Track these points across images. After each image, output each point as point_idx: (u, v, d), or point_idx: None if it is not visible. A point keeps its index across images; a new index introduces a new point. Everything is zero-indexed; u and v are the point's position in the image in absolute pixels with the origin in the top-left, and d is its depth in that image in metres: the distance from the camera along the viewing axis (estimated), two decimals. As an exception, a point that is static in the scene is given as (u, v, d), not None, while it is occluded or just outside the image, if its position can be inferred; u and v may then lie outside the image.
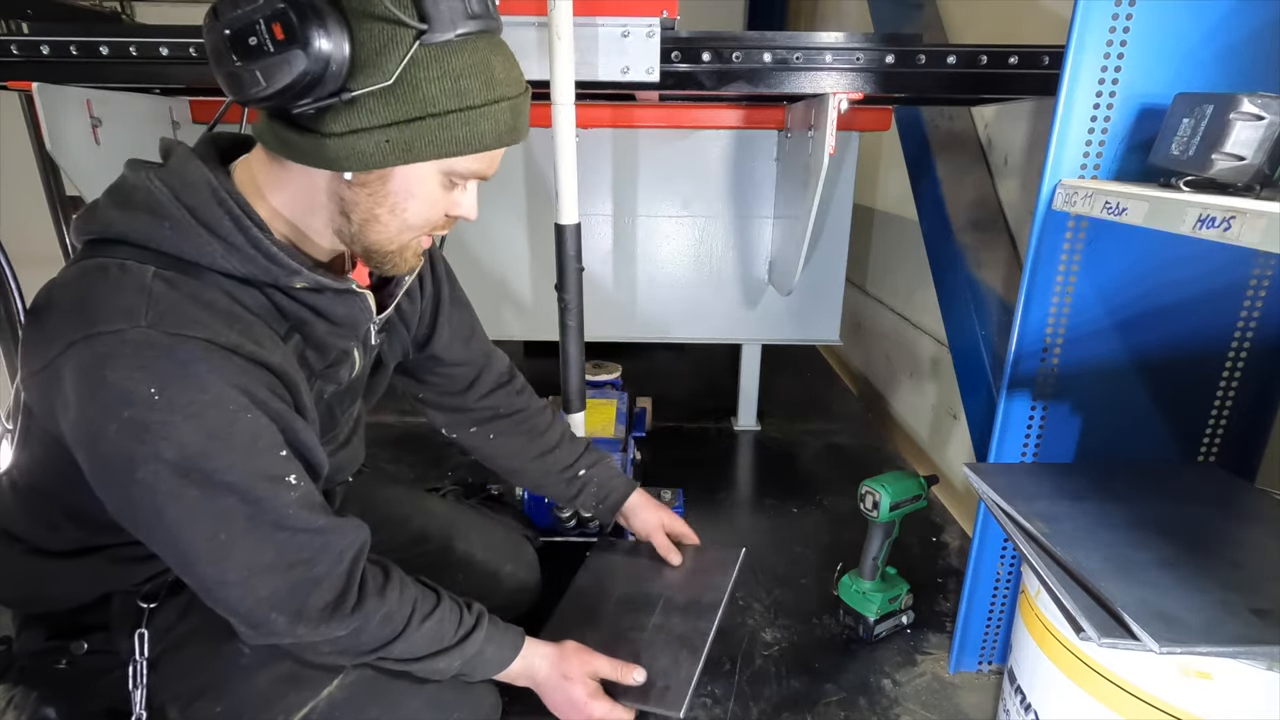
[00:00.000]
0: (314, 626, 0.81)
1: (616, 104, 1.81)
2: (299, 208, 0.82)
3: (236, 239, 0.77)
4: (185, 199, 0.76)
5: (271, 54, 0.68)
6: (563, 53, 1.12)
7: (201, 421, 0.72)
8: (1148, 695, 0.78)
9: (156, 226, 0.75)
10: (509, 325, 2.14)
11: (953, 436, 2.06)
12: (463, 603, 0.97)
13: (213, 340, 0.73)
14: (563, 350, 1.35)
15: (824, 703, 1.22)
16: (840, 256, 2.07)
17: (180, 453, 0.72)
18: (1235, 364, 1.07)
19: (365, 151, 0.75)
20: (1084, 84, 0.94)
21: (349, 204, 0.80)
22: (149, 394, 0.70)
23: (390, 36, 0.71)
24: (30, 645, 0.93)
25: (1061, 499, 0.94)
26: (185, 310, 0.73)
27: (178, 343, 0.71)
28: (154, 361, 0.71)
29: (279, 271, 0.79)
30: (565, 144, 1.18)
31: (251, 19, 0.67)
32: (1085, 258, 1.02)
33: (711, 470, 2.04)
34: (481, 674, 0.99)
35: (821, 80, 1.31)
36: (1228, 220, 0.65)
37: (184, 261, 0.76)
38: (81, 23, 2.11)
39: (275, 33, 0.67)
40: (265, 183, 0.82)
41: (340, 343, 0.91)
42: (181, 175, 0.77)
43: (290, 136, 0.76)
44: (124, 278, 0.73)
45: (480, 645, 0.96)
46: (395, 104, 0.73)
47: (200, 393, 0.72)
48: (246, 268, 0.78)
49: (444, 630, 0.92)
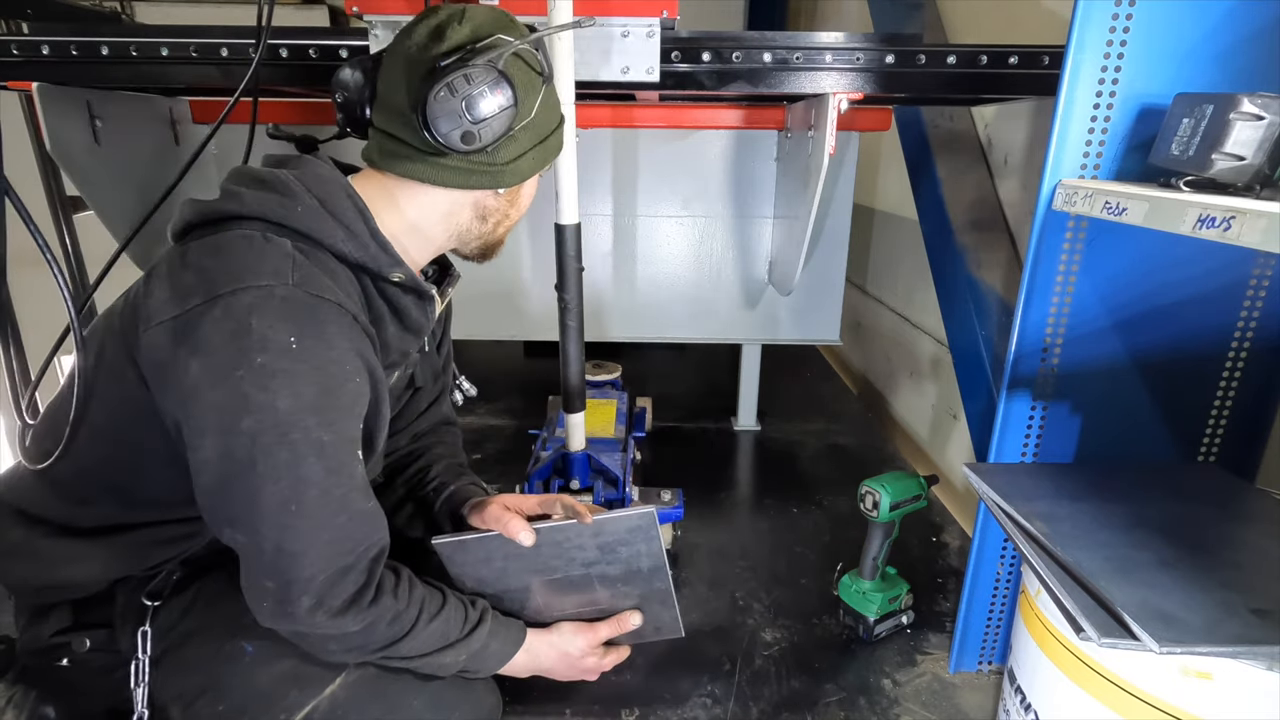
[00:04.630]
0: (331, 617, 0.83)
1: (616, 104, 1.81)
2: (422, 222, 0.96)
3: (358, 226, 0.88)
4: (316, 190, 0.88)
5: (499, 114, 0.86)
6: (563, 53, 1.12)
7: (323, 375, 0.80)
8: (1148, 695, 0.78)
9: (289, 208, 0.86)
10: (509, 325, 2.14)
11: (953, 436, 2.06)
12: (467, 600, 1.00)
13: (342, 305, 0.84)
14: (563, 350, 1.34)
15: (824, 703, 1.22)
16: (840, 256, 2.07)
17: (295, 403, 0.78)
18: (1235, 364, 1.07)
19: (523, 170, 0.96)
20: (1084, 84, 0.94)
21: (490, 210, 0.98)
22: (288, 342, 0.78)
23: (531, 83, 0.91)
24: (33, 643, 0.94)
25: (1061, 499, 0.95)
26: (321, 277, 0.84)
27: (318, 303, 0.81)
28: (297, 315, 0.79)
29: (386, 260, 0.90)
30: (565, 144, 1.18)
31: (481, 89, 0.84)
32: (1085, 258, 1.02)
33: (711, 470, 2.04)
34: (486, 669, 1.01)
35: (821, 80, 1.31)
36: (1228, 220, 0.66)
37: (311, 240, 0.86)
38: (81, 23, 2.11)
39: (499, 98, 0.85)
40: (399, 195, 0.94)
41: (402, 345, 1.00)
42: (314, 172, 0.90)
43: (466, 168, 0.92)
44: (269, 246, 0.82)
45: (484, 640, 0.99)
46: (534, 131, 0.95)
47: (329, 349, 0.81)
48: (360, 254, 0.89)
49: (449, 628, 0.95)
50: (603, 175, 2.00)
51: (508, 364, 2.87)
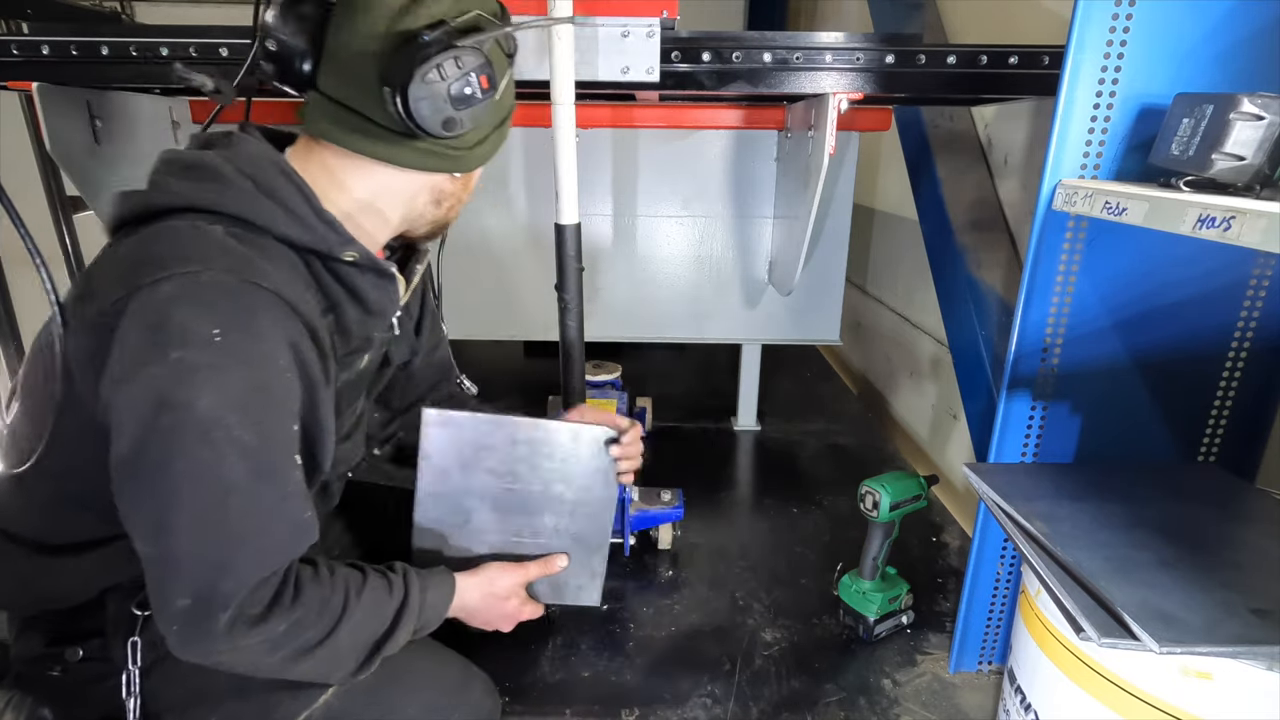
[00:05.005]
0: (252, 626, 0.76)
1: (616, 104, 1.81)
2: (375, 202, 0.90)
3: (299, 206, 0.82)
4: (249, 170, 0.81)
5: (480, 100, 0.82)
6: (563, 53, 1.12)
7: (249, 371, 0.74)
8: (1148, 695, 0.78)
9: (222, 192, 0.80)
10: (509, 325, 2.14)
11: (953, 436, 2.06)
12: (385, 569, 0.93)
13: (279, 292, 0.77)
14: (563, 350, 1.34)
15: (824, 703, 1.22)
16: (840, 256, 2.08)
17: (218, 400, 0.72)
18: (1235, 364, 1.07)
19: (485, 154, 0.93)
20: (1084, 84, 0.94)
21: (445, 193, 0.94)
22: (210, 335, 0.72)
23: (504, 66, 0.88)
24: (26, 651, 0.91)
25: (1061, 499, 0.94)
26: (255, 262, 0.77)
27: (249, 290, 0.75)
28: (222, 304, 0.73)
29: (335, 239, 0.84)
30: (565, 144, 1.18)
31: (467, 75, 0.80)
32: (1085, 258, 1.02)
33: (711, 470, 2.04)
34: (433, 624, 0.95)
35: (821, 80, 1.31)
36: (1228, 220, 0.66)
37: (249, 224, 0.81)
38: (81, 23, 2.11)
39: (482, 84, 0.82)
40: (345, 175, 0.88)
41: (364, 329, 0.94)
42: (245, 151, 0.83)
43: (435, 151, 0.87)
44: (197, 233, 0.77)
45: (420, 600, 0.92)
46: (497, 110, 0.89)
47: (258, 341, 0.75)
48: (305, 235, 0.83)
49: (379, 599, 0.88)
50: (603, 175, 2.00)
51: (508, 364, 2.87)
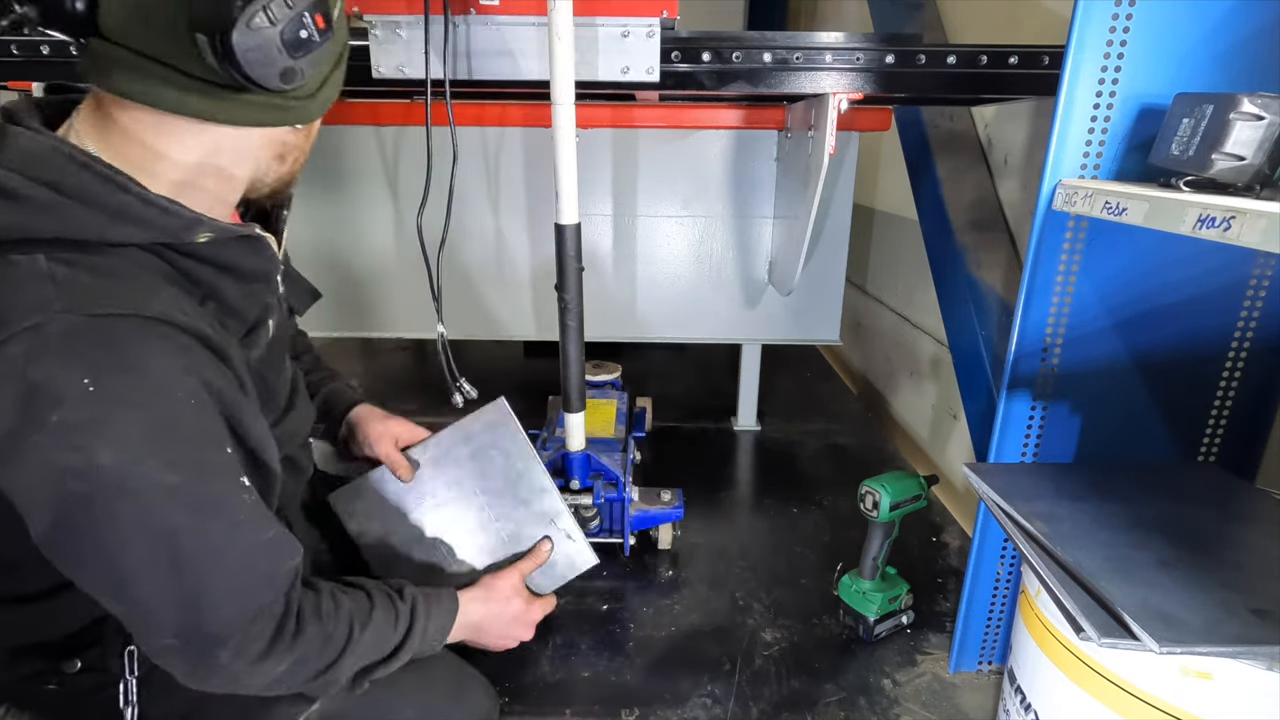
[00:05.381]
0: (252, 664, 0.74)
1: (616, 104, 1.81)
2: (209, 162, 0.76)
3: (119, 200, 0.68)
4: (39, 175, 0.67)
5: (319, 44, 0.71)
6: (563, 53, 1.12)
7: (144, 412, 0.65)
8: (1148, 695, 0.78)
9: (21, 215, 0.66)
10: (509, 325, 2.14)
11: (953, 436, 2.06)
12: (393, 592, 0.92)
13: (142, 313, 0.66)
14: (563, 350, 1.34)
15: (824, 703, 1.22)
16: (840, 256, 2.07)
17: (118, 453, 0.64)
18: (1235, 364, 1.07)
19: (328, 97, 0.81)
20: (1084, 84, 0.94)
21: (289, 147, 0.82)
22: (82, 386, 0.63)
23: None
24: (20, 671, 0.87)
25: (1061, 499, 0.94)
26: (99, 288, 0.66)
27: (104, 323, 0.65)
28: (83, 349, 0.64)
29: (177, 224, 0.72)
30: (565, 144, 1.18)
31: (301, 14, 0.69)
32: (1085, 258, 1.02)
33: (711, 470, 2.04)
34: (434, 650, 0.95)
35: (821, 80, 1.31)
36: (1228, 220, 0.66)
37: (69, 242, 0.67)
38: (81, 23, 2.11)
39: (318, 23, 0.70)
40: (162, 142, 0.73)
41: (255, 301, 0.84)
42: (22, 150, 0.68)
43: (274, 104, 0.75)
44: (13, 272, 0.65)
45: (424, 628, 0.92)
46: (335, 49, 0.78)
47: (141, 377, 0.65)
48: (142, 231, 0.70)
49: (383, 632, 0.88)
50: (603, 175, 2.00)
51: (508, 364, 2.87)
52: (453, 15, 1.18)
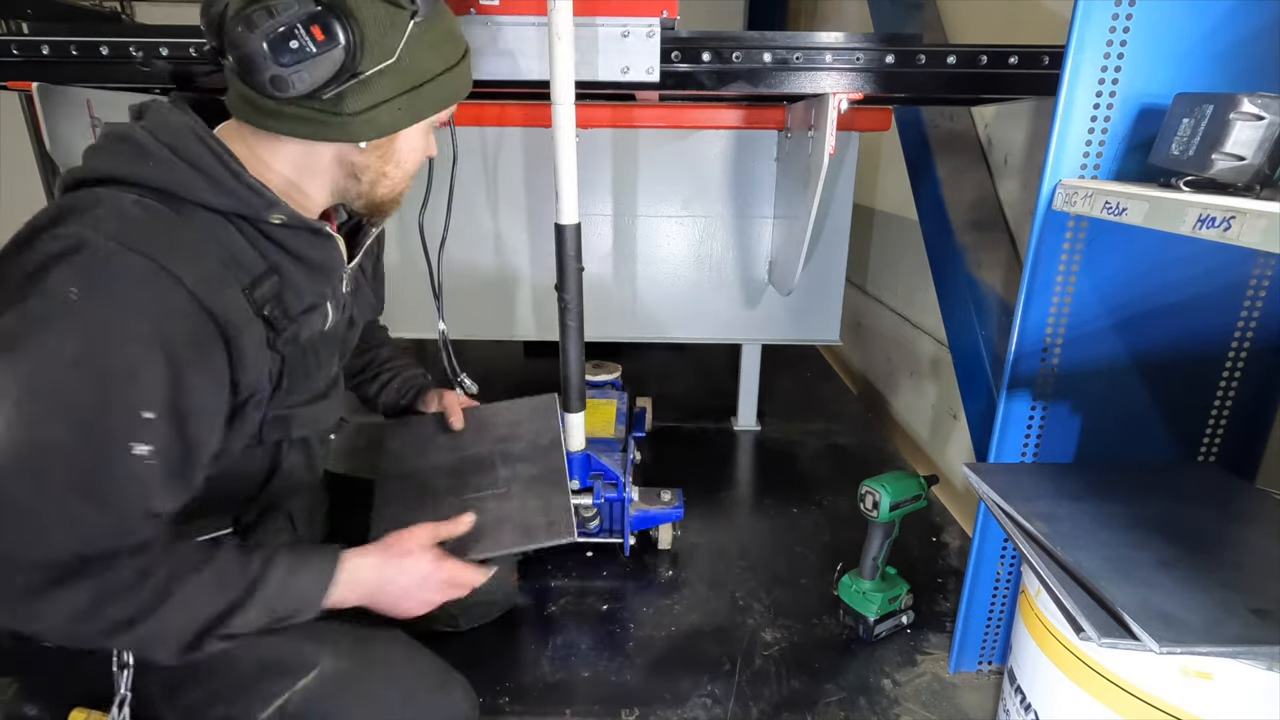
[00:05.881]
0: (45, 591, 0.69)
1: (616, 104, 1.81)
2: (296, 173, 0.90)
3: (218, 171, 0.80)
4: (168, 140, 0.80)
5: (315, 54, 0.77)
6: (563, 53, 1.12)
7: (90, 336, 0.71)
8: (1148, 695, 0.78)
9: (140, 163, 0.79)
10: (509, 325, 2.14)
11: (953, 436, 2.06)
12: (245, 547, 0.85)
13: (160, 262, 0.74)
14: (563, 350, 1.34)
15: (824, 703, 1.22)
16: (840, 256, 2.07)
17: (49, 357, 0.70)
18: (1235, 364, 1.07)
19: (383, 122, 0.87)
20: (1084, 84, 0.94)
21: (360, 167, 0.91)
22: (67, 292, 0.71)
23: (391, 20, 0.82)
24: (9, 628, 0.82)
25: (1061, 499, 0.94)
26: (153, 232, 0.75)
27: (125, 255, 0.73)
28: (90, 267, 0.72)
29: (259, 203, 0.83)
30: (565, 144, 1.18)
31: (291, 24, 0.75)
32: (1085, 258, 1.02)
33: (711, 470, 2.04)
34: (304, 611, 0.86)
35: (821, 80, 1.31)
36: (1228, 220, 0.66)
37: (168, 194, 0.79)
38: (81, 23, 2.11)
39: (315, 34, 0.76)
40: (258, 146, 0.87)
41: (315, 287, 0.93)
42: (163, 121, 0.82)
43: (305, 117, 0.83)
44: (101, 200, 0.76)
45: (281, 582, 0.83)
46: (401, 77, 0.85)
47: (111, 309, 0.72)
48: (229, 201, 0.81)
49: (222, 581, 0.80)
50: (603, 175, 2.00)
51: (508, 364, 2.87)
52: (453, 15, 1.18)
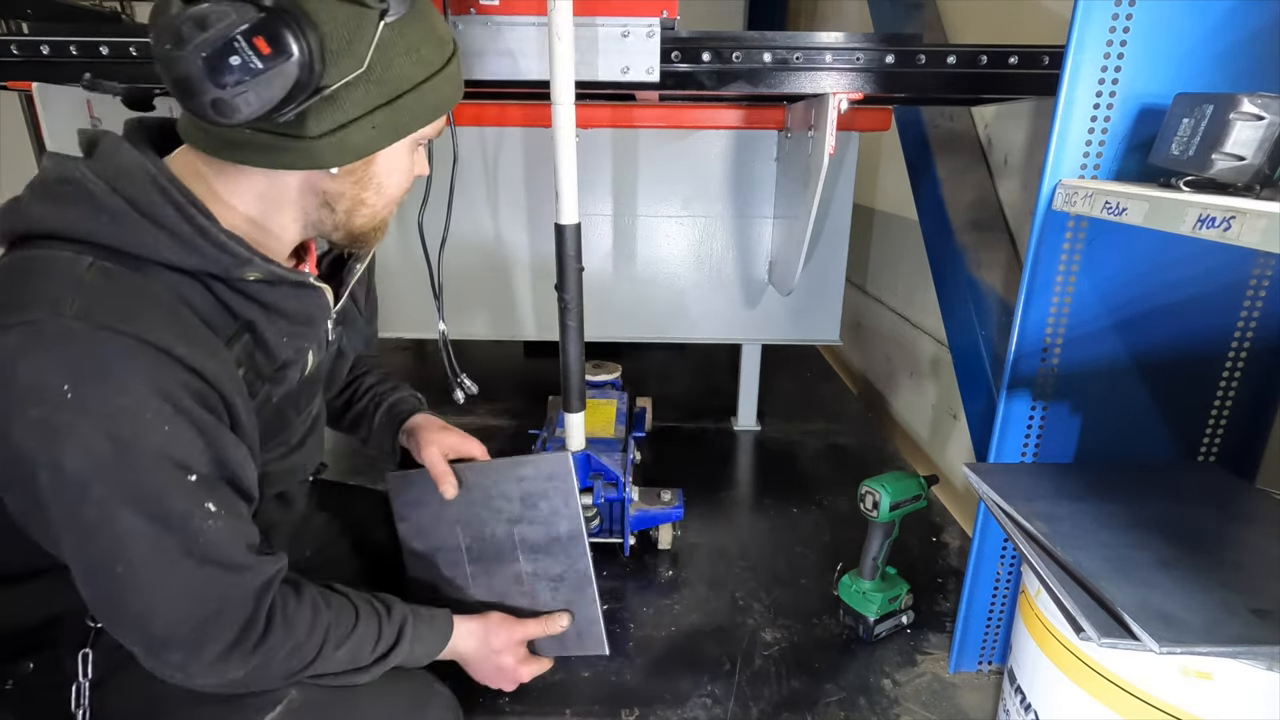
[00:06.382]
0: (209, 666, 0.74)
1: (616, 104, 1.81)
2: (262, 206, 0.79)
3: (181, 228, 0.71)
4: (122, 189, 0.70)
5: (261, 70, 0.64)
6: (563, 53, 1.12)
7: (113, 427, 0.66)
8: (1148, 695, 0.78)
9: (92, 219, 0.69)
10: (509, 325, 2.14)
11: (953, 436, 2.06)
12: (382, 611, 0.91)
13: (143, 337, 0.67)
14: (563, 350, 1.34)
15: (824, 703, 1.22)
16: (840, 256, 2.08)
17: (84, 462, 0.66)
18: (1235, 364, 1.07)
19: (355, 143, 0.75)
20: (1084, 84, 0.94)
21: (333, 195, 0.80)
22: (61, 391, 0.64)
23: (356, 22, 0.70)
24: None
25: (1061, 499, 0.94)
26: (119, 303, 0.68)
27: (103, 337, 0.66)
28: (71, 356, 0.65)
29: (229, 261, 0.74)
30: (565, 144, 1.18)
31: (229, 36, 0.63)
32: (1085, 258, 1.02)
33: (711, 470, 2.04)
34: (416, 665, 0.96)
35: (821, 80, 1.31)
36: (1228, 220, 0.65)
37: (125, 254, 0.70)
38: (81, 23, 2.11)
39: (260, 47, 0.64)
40: (216, 181, 0.77)
41: (294, 343, 0.85)
42: (115, 164, 0.72)
43: (262, 144, 0.72)
44: (53, 267, 0.68)
45: (408, 650, 0.92)
46: (373, 88, 0.73)
47: (118, 394, 0.66)
48: (194, 259, 0.72)
49: (359, 651, 0.87)
50: (603, 175, 2.00)
51: (508, 364, 2.87)
52: (453, 15, 1.18)
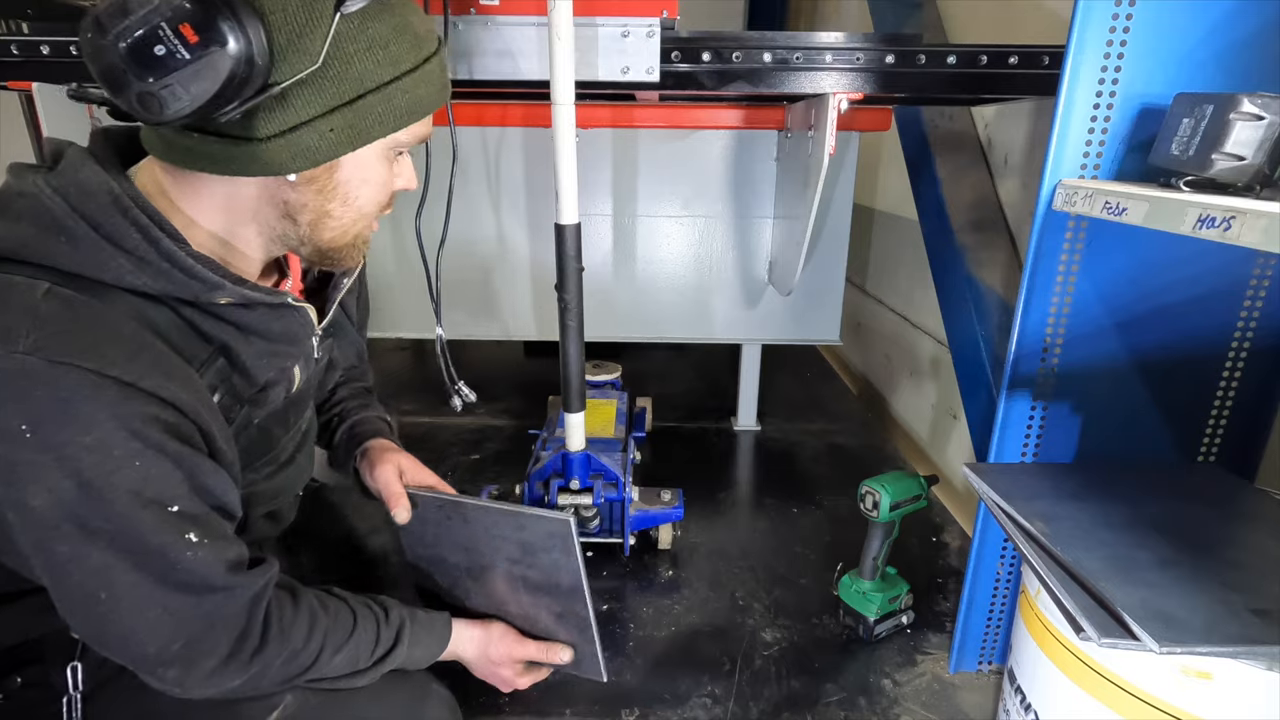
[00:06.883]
0: (206, 677, 0.73)
1: (616, 104, 1.81)
2: (225, 220, 0.75)
3: (146, 252, 0.68)
4: (83, 210, 0.67)
5: (188, 61, 0.59)
6: (563, 53, 1.12)
7: (78, 466, 0.63)
8: (1148, 695, 0.78)
9: (50, 241, 0.66)
10: (509, 325, 2.14)
11: (953, 436, 2.06)
12: (380, 615, 0.90)
13: (105, 372, 0.63)
14: (563, 350, 1.35)
15: (824, 703, 1.22)
16: (840, 256, 2.08)
17: (49, 501, 0.63)
18: (1235, 364, 1.07)
19: (310, 147, 0.70)
20: (1084, 84, 0.94)
21: (295, 206, 0.74)
22: (19, 430, 0.61)
23: (308, 13, 0.65)
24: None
25: (1061, 499, 0.94)
26: (78, 335, 0.64)
27: (61, 372, 0.62)
28: (29, 393, 0.62)
29: (198, 286, 0.70)
30: (565, 144, 1.18)
31: (152, 24, 0.58)
32: (1085, 258, 1.02)
33: (711, 470, 2.04)
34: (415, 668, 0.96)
35: (821, 80, 1.31)
36: (1228, 220, 0.65)
37: (85, 279, 0.66)
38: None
39: (186, 35, 0.59)
40: (178, 195, 0.73)
41: (276, 362, 0.82)
42: (77, 182, 0.68)
43: (210, 148, 0.68)
44: (7, 294, 0.63)
45: (406, 654, 0.91)
46: (330, 87, 0.68)
47: (81, 433, 0.63)
48: (160, 284, 0.69)
49: (359, 655, 0.86)
50: (603, 175, 2.00)
51: (508, 364, 2.87)
52: (453, 15, 1.18)
